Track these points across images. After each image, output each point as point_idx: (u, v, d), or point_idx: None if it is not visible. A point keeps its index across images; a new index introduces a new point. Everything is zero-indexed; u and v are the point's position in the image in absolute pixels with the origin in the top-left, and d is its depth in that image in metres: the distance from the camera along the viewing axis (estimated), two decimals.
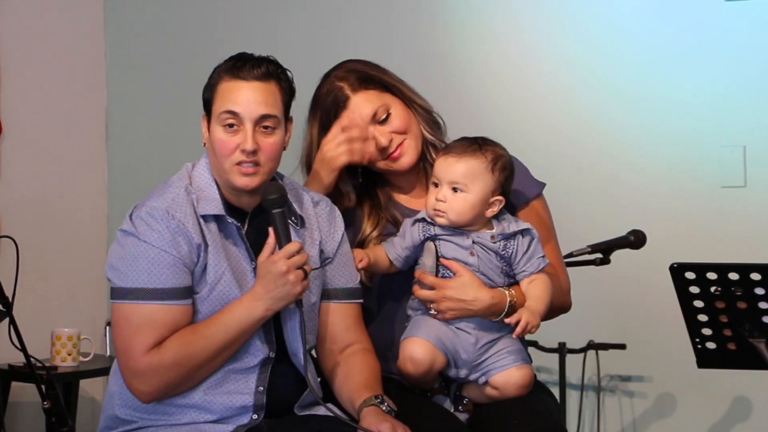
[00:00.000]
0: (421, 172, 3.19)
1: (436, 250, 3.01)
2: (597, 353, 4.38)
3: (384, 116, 3.10)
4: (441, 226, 3.01)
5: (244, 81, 2.84)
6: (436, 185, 3.02)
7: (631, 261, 4.09)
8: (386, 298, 3.14)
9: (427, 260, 3.01)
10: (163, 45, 5.13)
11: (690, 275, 2.85)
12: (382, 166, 3.13)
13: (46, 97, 4.97)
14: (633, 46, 4.44)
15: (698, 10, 4.35)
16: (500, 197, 3.01)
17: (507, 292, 3.00)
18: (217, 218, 2.86)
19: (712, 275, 2.83)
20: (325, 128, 3.11)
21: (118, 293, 2.81)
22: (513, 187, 3.11)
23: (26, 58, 4.90)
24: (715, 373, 3.43)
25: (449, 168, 3.00)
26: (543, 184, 3.21)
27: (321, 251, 2.98)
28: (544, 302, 3.00)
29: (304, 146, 3.16)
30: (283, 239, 2.83)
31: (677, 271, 2.87)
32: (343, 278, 3.01)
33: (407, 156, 3.11)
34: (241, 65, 2.85)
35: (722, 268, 2.82)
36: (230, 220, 2.86)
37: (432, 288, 2.99)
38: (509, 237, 3.02)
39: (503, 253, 3.01)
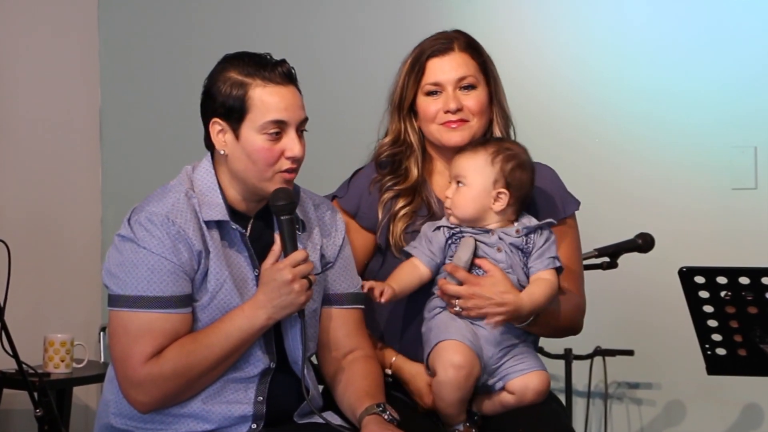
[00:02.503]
0: None
1: (475, 245, 3.01)
2: (604, 359, 4.38)
3: (467, 86, 3.12)
4: (464, 226, 3.02)
5: (281, 86, 2.82)
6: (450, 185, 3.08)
7: (639, 265, 4.09)
8: (400, 305, 3.13)
9: (464, 254, 3.00)
10: (157, 45, 5.14)
11: (699, 279, 2.86)
12: (434, 131, 3.13)
13: (39, 98, 4.97)
14: (641, 46, 4.44)
15: (708, 8, 4.35)
16: (504, 190, 3.02)
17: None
18: (219, 224, 2.86)
19: (722, 279, 2.84)
20: (413, 66, 3.13)
21: (116, 301, 2.81)
22: (551, 201, 3.14)
23: (19, 59, 4.90)
24: (726, 379, 3.42)
25: (455, 163, 3.06)
26: (578, 202, 3.23)
27: (322, 255, 2.98)
28: (537, 300, 2.98)
29: (393, 86, 3.18)
30: (289, 247, 2.83)
31: (686, 275, 2.87)
32: (344, 283, 3.01)
33: (459, 134, 3.12)
34: (271, 68, 2.83)
35: (732, 272, 2.82)
36: (234, 226, 2.86)
37: (460, 283, 2.98)
38: (532, 231, 3.04)
39: (525, 248, 3.03)
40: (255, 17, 4.98)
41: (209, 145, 2.91)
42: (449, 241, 3.02)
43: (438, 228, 3.04)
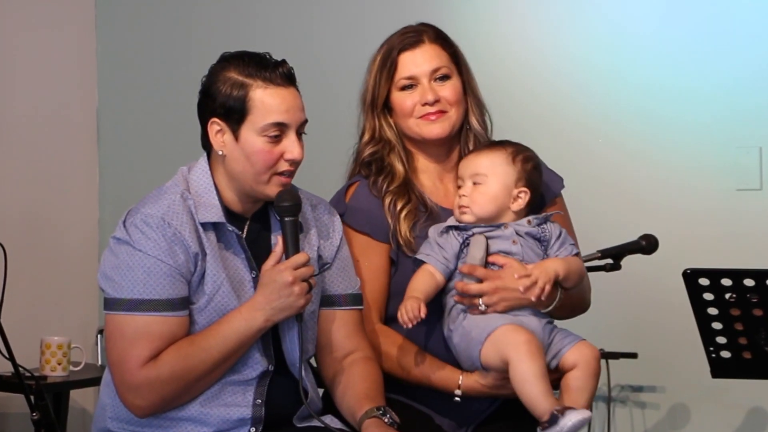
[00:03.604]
0: (451, 163, 3.20)
1: (487, 242, 3.00)
2: (607, 362, 4.38)
3: (442, 77, 3.13)
4: (477, 225, 3.01)
5: (282, 87, 2.83)
6: (460, 186, 3.06)
7: (642, 267, 4.09)
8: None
9: (477, 252, 2.99)
10: (155, 44, 5.14)
11: (704, 281, 2.86)
12: (413, 125, 3.13)
13: (35, 97, 4.97)
14: (644, 45, 4.44)
15: (713, 6, 4.35)
16: (525, 189, 3.04)
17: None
18: (215, 225, 2.86)
19: (726, 281, 2.84)
20: (384, 62, 3.13)
21: (112, 304, 2.81)
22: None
23: (15, 58, 4.90)
24: (730, 383, 3.42)
25: (470, 163, 3.07)
26: (562, 179, 3.25)
27: (319, 256, 2.98)
28: (567, 267, 3.00)
29: (364, 85, 3.19)
30: (291, 249, 2.83)
31: (690, 277, 2.87)
32: (342, 284, 3.01)
33: (440, 126, 3.13)
34: (272, 69, 2.83)
35: (737, 274, 2.82)
36: (230, 227, 2.86)
37: (479, 282, 2.97)
38: (543, 221, 3.05)
39: (542, 236, 3.03)
40: (253, 16, 4.99)
41: (206, 145, 2.91)
42: (463, 245, 3.02)
43: (446, 231, 3.03)
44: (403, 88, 3.13)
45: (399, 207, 3.10)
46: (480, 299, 2.97)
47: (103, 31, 5.18)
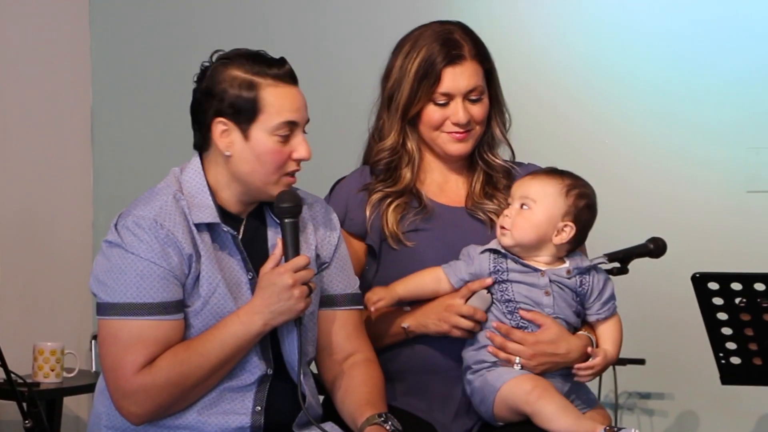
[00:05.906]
0: (459, 163, 3.21)
1: (492, 301, 2.99)
2: (614, 369, 4.37)
3: (476, 98, 3.14)
4: (514, 261, 3.00)
5: (290, 86, 2.84)
6: (509, 205, 3.04)
7: (650, 270, 4.08)
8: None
9: (480, 305, 2.99)
10: (151, 43, 5.14)
11: (713, 286, 2.86)
12: (436, 138, 3.15)
13: (28, 98, 4.97)
14: (651, 43, 4.44)
15: (722, 5, 4.35)
16: (571, 224, 3.00)
17: (592, 338, 3.03)
18: (209, 226, 2.86)
19: (736, 286, 2.84)
20: (426, 73, 3.11)
21: (104, 309, 2.81)
22: None
23: (8, 57, 4.90)
24: (740, 389, 3.43)
25: (522, 185, 3.03)
26: None
27: (317, 256, 2.98)
28: (618, 347, 3.05)
29: (391, 77, 3.17)
30: (291, 251, 2.83)
31: (700, 281, 2.87)
32: (341, 284, 3.02)
33: (464, 145, 3.15)
34: (278, 68, 2.84)
35: (748, 279, 2.83)
36: (226, 228, 2.86)
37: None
38: (585, 272, 3.03)
39: (580, 289, 3.02)
40: (249, 14, 4.99)
41: (199, 145, 2.91)
42: (491, 272, 3.00)
43: (485, 251, 3.02)
44: (437, 103, 3.13)
45: (388, 201, 3.11)
46: (517, 358, 2.97)
47: (98, 31, 5.19)
